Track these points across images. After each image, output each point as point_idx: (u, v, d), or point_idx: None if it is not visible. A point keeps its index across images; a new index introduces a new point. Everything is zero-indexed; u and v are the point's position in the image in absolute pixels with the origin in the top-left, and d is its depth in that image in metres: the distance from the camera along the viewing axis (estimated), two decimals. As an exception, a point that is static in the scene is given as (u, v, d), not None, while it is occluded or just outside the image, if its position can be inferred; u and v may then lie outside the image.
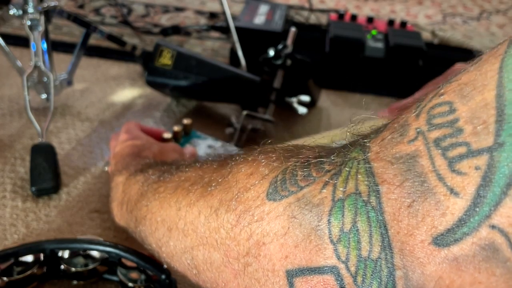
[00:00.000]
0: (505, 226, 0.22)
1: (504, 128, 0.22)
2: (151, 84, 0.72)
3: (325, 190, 0.27)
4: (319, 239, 0.27)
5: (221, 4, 0.84)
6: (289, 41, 0.74)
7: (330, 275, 0.26)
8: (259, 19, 0.89)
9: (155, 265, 0.42)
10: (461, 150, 0.23)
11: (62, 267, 0.44)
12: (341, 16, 0.97)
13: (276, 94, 0.69)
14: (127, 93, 0.79)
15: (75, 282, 0.45)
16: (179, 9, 1.12)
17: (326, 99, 0.82)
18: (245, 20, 0.88)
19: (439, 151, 0.23)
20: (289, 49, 0.72)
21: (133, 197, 0.43)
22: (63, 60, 0.81)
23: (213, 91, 0.71)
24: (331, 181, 0.27)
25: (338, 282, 0.26)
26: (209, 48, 0.96)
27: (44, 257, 0.44)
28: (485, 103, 0.23)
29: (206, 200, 0.33)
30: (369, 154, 0.27)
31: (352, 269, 0.26)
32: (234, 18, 0.86)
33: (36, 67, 0.64)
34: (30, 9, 0.64)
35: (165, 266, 0.43)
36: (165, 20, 1.06)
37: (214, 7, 1.14)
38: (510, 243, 0.22)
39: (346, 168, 0.27)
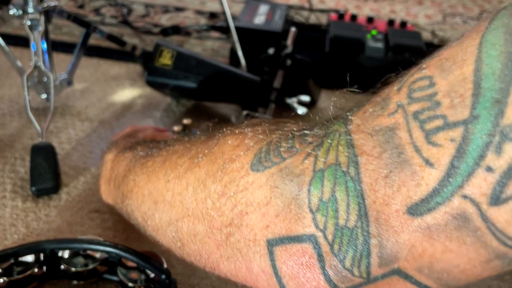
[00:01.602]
0: (476, 197, 0.22)
1: (479, 101, 0.22)
2: (151, 84, 0.72)
3: (306, 161, 0.28)
4: (298, 208, 0.27)
5: (221, 4, 0.84)
6: (289, 41, 0.74)
7: (308, 244, 0.27)
8: (259, 19, 0.89)
9: (155, 265, 0.42)
10: (438, 122, 0.23)
11: (62, 267, 0.44)
12: (341, 16, 0.97)
13: (276, 94, 0.69)
14: (127, 93, 0.79)
15: (75, 282, 0.45)
16: (179, 9, 1.12)
17: (326, 99, 0.82)
18: (245, 20, 0.88)
19: (417, 123, 0.24)
20: (289, 49, 0.72)
21: (121, 173, 0.43)
22: (63, 60, 0.81)
23: (213, 91, 0.71)
24: (313, 152, 0.28)
25: (316, 250, 0.27)
26: (209, 48, 0.96)
27: (44, 257, 0.44)
28: (463, 77, 0.23)
29: (193, 172, 0.34)
30: (350, 126, 0.27)
31: (330, 237, 0.26)
32: (234, 18, 0.86)
33: (36, 67, 0.64)
34: (30, 9, 0.64)
35: (164, 266, 0.43)
36: (165, 20, 1.06)
37: (214, 7, 1.14)
38: (481, 213, 0.22)
39: (328, 140, 0.28)
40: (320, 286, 0.27)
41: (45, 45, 0.66)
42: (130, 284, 0.43)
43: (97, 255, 0.44)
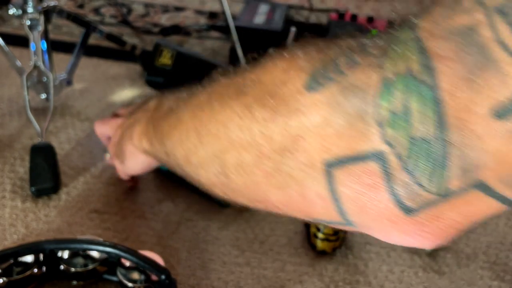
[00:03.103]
0: None
1: None
2: (151, 84, 0.71)
3: (372, 73, 0.26)
4: (364, 124, 0.25)
5: (221, 3, 0.84)
6: (289, 40, 0.73)
7: (374, 161, 0.25)
8: (259, 19, 0.89)
9: (155, 265, 0.42)
10: None
11: (62, 267, 0.44)
12: (341, 15, 0.97)
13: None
14: (127, 93, 0.79)
15: (74, 282, 0.45)
16: (179, 9, 1.12)
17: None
18: (245, 20, 0.88)
19: (502, 18, 0.22)
20: (289, 49, 0.72)
21: (161, 115, 0.42)
22: (62, 60, 0.81)
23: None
24: (378, 63, 0.26)
25: (382, 168, 0.25)
26: (209, 48, 0.96)
27: (43, 257, 0.44)
28: None
29: (240, 100, 0.32)
30: (418, 31, 0.25)
31: (401, 151, 0.24)
32: (234, 17, 0.86)
33: (35, 67, 0.64)
34: (30, 9, 0.63)
35: (165, 265, 0.42)
36: (165, 19, 1.06)
37: (214, 7, 1.14)
38: None
39: (395, 48, 0.25)
40: (386, 206, 0.26)
41: (44, 45, 0.66)
42: (130, 285, 0.43)
43: (97, 255, 0.44)
